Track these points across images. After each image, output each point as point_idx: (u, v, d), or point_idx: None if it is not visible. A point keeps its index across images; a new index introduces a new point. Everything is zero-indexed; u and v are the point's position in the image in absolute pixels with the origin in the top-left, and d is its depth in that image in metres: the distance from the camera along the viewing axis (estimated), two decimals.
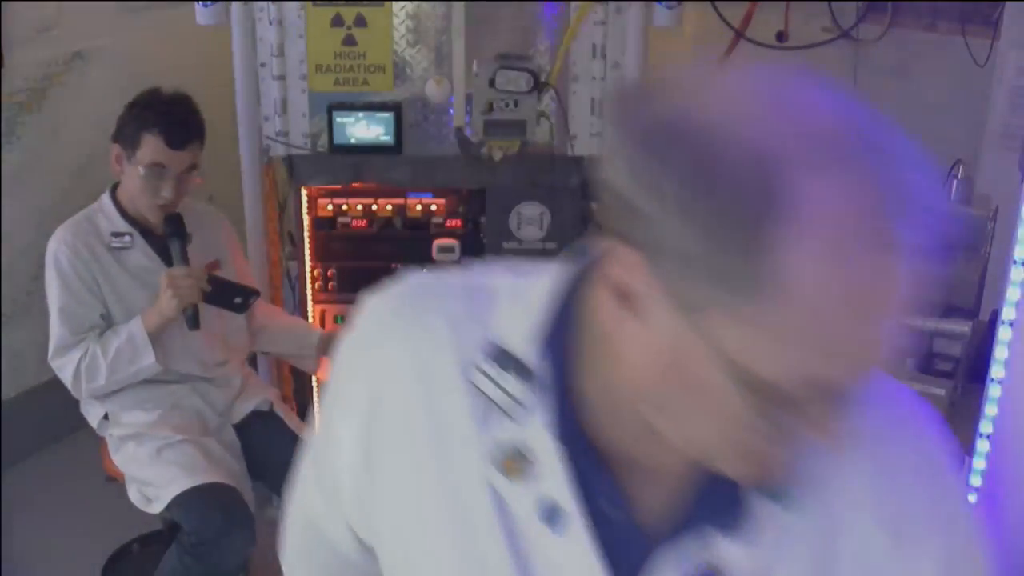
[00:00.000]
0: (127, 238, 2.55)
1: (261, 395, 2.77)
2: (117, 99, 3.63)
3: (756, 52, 3.89)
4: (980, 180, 2.97)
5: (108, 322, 2.54)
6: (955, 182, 2.53)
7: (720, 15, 3.84)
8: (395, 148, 2.90)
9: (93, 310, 2.52)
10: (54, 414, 3.62)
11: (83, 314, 2.52)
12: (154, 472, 2.51)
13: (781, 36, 3.92)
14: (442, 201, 3.03)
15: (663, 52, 3.60)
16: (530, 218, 2.99)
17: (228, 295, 2.61)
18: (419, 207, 3.03)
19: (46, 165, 3.47)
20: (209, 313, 2.62)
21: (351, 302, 3.17)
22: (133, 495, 2.55)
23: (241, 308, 2.65)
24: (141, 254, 2.55)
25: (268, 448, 2.68)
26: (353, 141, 2.90)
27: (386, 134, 2.89)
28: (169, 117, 2.45)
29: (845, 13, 3.80)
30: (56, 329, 2.53)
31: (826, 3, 3.80)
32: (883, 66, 3.83)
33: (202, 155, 2.53)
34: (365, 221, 3.04)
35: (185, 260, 2.51)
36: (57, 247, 2.51)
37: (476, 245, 3.04)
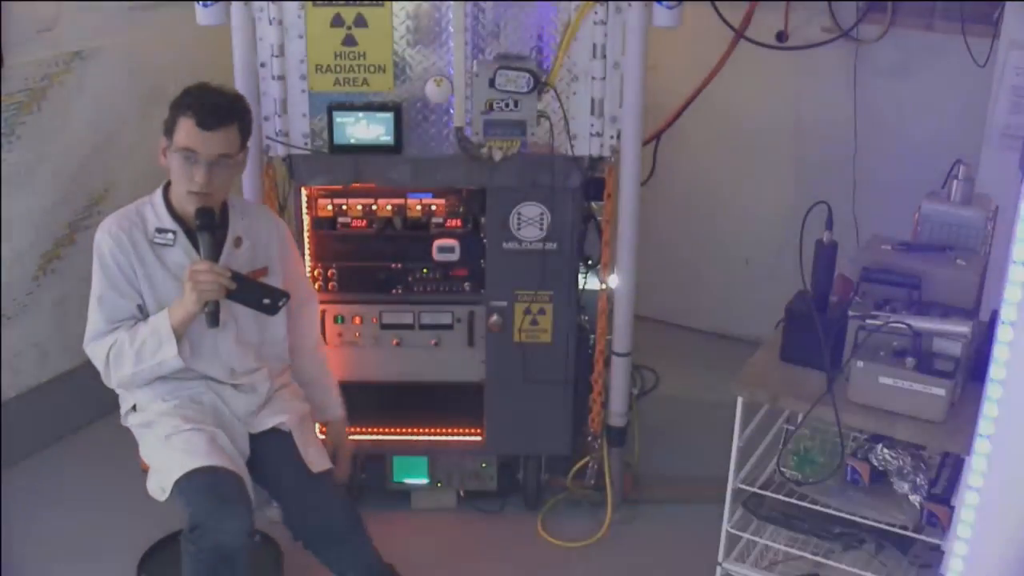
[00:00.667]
0: (170, 235, 2.54)
1: (286, 414, 2.70)
2: (117, 99, 3.67)
3: (756, 52, 3.90)
4: (980, 180, 2.97)
5: (144, 315, 2.54)
6: (955, 182, 2.53)
7: (720, 15, 3.84)
8: (395, 148, 2.90)
9: (130, 301, 2.53)
10: (54, 414, 3.64)
11: (119, 304, 2.53)
12: (162, 459, 2.52)
13: (781, 36, 3.93)
14: (442, 201, 3.03)
15: (663, 52, 3.61)
16: (530, 218, 2.99)
17: (255, 295, 2.55)
18: (419, 207, 3.03)
19: (46, 165, 3.47)
20: (249, 322, 2.62)
21: (351, 302, 3.19)
22: (151, 487, 2.55)
23: (271, 310, 2.56)
24: (182, 252, 2.54)
25: (273, 469, 2.65)
26: (353, 141, 2.90)
27: (386, 134, 2.89)
28: (202, 100, 2.46)
29: (845, 13, 3.81)
30: (92, 316, 2.54)
31: (826, 3, 3.80)
32: (883, 66, 3.83)
33: (240, 149, 2.52)
34: (365, 221, 3.04)
35: (212, 255, 2.51)
36: (102, 236, 2.53)
37: (476, 245, 3.04)
